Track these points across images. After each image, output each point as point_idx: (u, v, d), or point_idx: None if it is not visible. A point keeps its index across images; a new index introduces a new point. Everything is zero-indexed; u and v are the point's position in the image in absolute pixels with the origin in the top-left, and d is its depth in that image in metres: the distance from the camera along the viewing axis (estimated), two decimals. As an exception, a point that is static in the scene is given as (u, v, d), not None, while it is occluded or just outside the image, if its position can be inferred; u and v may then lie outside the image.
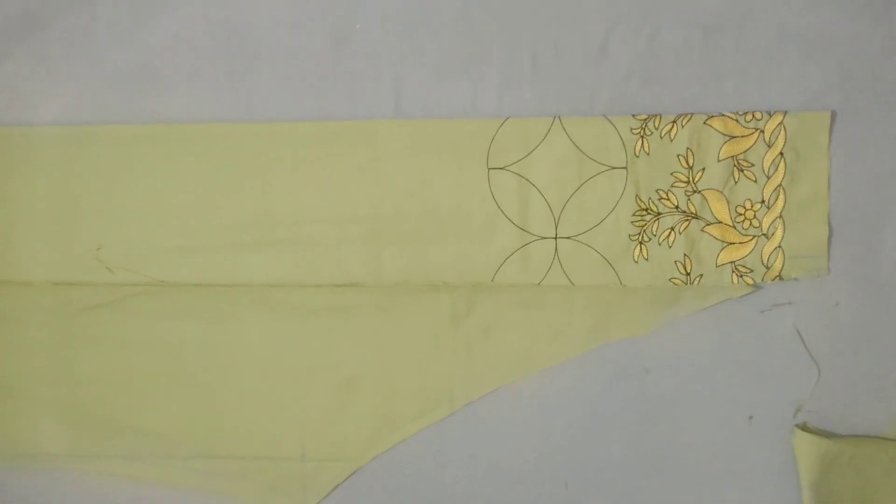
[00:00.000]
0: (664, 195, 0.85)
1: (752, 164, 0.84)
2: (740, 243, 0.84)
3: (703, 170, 0.84)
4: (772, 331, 0.84)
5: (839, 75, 0.83)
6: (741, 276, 0.84)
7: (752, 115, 0.83)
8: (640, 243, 0.85)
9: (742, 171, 0.84)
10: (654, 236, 0.85)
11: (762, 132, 0.83)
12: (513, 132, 0.86)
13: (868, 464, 0.82)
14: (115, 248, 0.91)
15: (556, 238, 0.86)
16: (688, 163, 0.84)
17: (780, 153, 0.83)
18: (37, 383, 0.93)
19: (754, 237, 0.84)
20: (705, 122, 0.84)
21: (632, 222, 0.85)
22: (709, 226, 0.84)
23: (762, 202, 0.84)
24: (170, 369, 0.92)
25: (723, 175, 0.84)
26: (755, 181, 0.84)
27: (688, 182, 0.84)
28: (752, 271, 0.84)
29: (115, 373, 0.92)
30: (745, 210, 0.84)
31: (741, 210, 0.84)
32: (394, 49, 0.88)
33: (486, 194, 0.87)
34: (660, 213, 0.85)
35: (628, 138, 0.85)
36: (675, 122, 0.84)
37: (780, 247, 0.83)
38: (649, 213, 0.85)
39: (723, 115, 0.84)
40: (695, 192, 0.84)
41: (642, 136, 0.85)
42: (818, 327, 0.84)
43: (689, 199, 0.84)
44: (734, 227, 0.84)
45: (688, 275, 0.84)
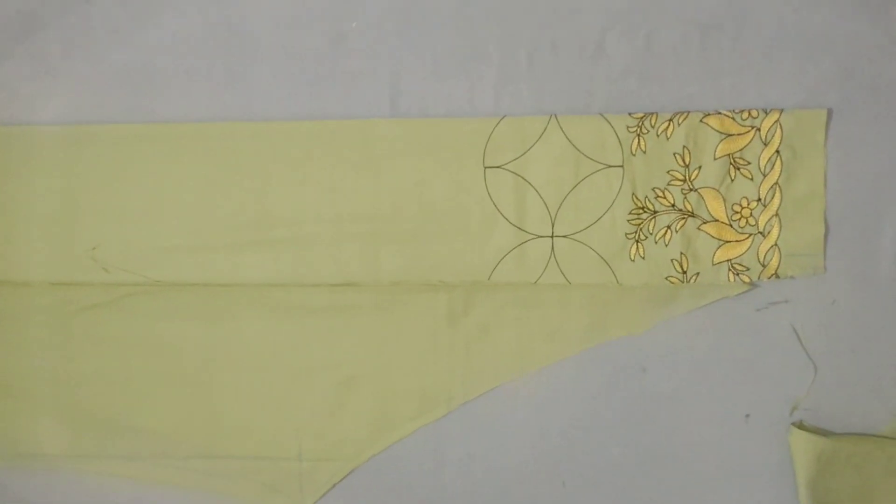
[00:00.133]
0: (661, 193, 0.85)
1: (749, 163, 0.83)
2: (737, 241, 0.84)
3: (700, 168, 0.84)
4: (768, 329, 0.84)
5: (836, 73, 0.83)
6: (738, 275, 0.84)
7: (749, 113, 0.83)
8: (637, 242, 0.85)
9: (738, 169, 0.84)
10: (651, 235, 0.85)
11: (758, 130, 0.83)
12: (509, 131, 0.86)
13: (865, 462, 0.82)
14: (112, 248, 0.91)
15: (552, 237, 0.86)
16: (684, 161, 0.84)
17: (777, 151, 0.83)
18: (35, 383, 0.93)
19: (751, 235, 0.84)
20: (702, 121, 0.84)
21: (628, 221, 0.85)
22: (705, 224, 0.84)
23: (758, 200, 0.84)
24: (167, 369, 0.91)
25: (719, 173, 0.84)
26: (751, 179, 0.84)
27: (684, 180, 0.84)
28: (748, 269, 0.84)
29: (113, 373, 0.92)
30: (742, 208, 0.84)
31: (737, 208, 0.84)
32: (390, 48, 0.88)
33: (483, 193, 0.87)
34: (656, 212, 0.85)
35: (625, 136, 0.85)
36: (671, 120, 0.84)
37: (776, 245, 0.83)
38: (646, 212, 0.85)
39: (719, 114, 0.84)
40: (691, 190, 0.84)
41: (639, 135, 0.85)
42: (815, 325, 0.84)
43: (685, 198, 0.84)
44: (730, 226, 0.84)
45: (684, 273, 0.84)
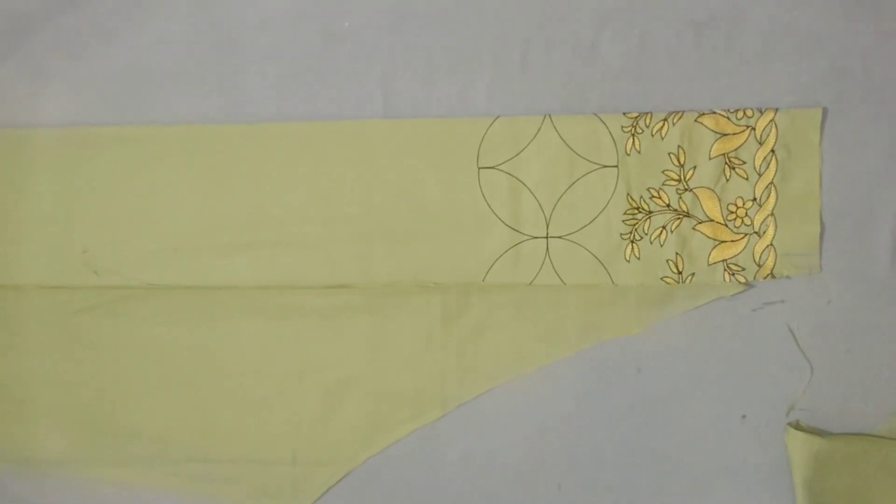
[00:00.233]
0: (655, 193, 0.84)
1: (744, 162, 0.83)
2: (732, 241, 0.84)
3: (695, 168, 0.84)
4: (764, 329, 0.84)
5: (830, 72, 0.83)
6: (733, 275, 0.83)
7: (744, 113, 0.83)
8: (632, 242, 0.85)
9: (733, 168, 0.83)
10: (646, 235, 0.84)
11: (753, 130, 0.83)
12: (503, 131, 0.86)
13: (861, 462, 0.82)
14: (103, 251, 0.90)
15: (547, 237, 0.86)
16: (679, 161, 0.84)
17: (772, 150, 0.83)
18: (28, 387, 0.92)
19: (746, 235, 0.83)
20: (696, 120, 0.83)
21: (623, 221, 0.85)
22: (700, 224, 0.84)
23: (754, 200, 0.83)
24: (160, 372, 0.91)
25: (714, 173, 0.83)
26: (747, 179, 0.83)
27: (679, 180, 0.84)
28: (744, 269, 0.83)
29: (105, 376, 0.91)
30: (737, 208, 0.83)
31: (733, 208, 0.83)
32: (383, 48, 0.88)
33: (477, 194, 0.86)
34: (651, 212, 0.84)
35: (619, 136, 0.84)
36: (666, 120, 0.84)
37: (771, 244, 0.83)
38: (641, 212, 0.85)
39: (714, 113, 0.83)
40: (686, 190, 0.84)
41: (633, 135, 0.84)
42: (811, 325, 0.84)
43: (680, 198, 0.84)
44: (726, 226, 0.84)
45: (680, 273, 0.84)
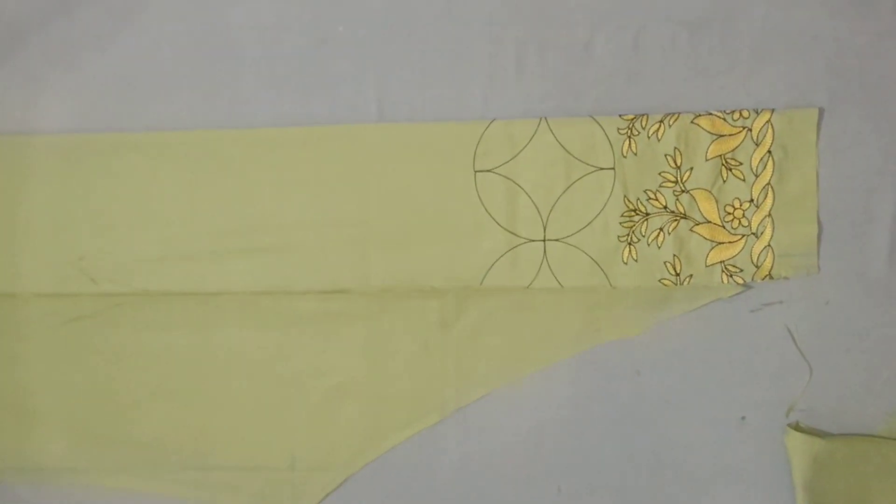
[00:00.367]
0: (652, 195, 0.84)
1: (741, 163, 0.83)
2: (729, 243, 0.83)
3: (691, 169, 0.83)
4: (763, 330, 0.84)
5: (826, 72, 0.83)
6: (731, 276, 0.83)
7: (740, 114, 0.83)
8: (629, 244, 0.84)
9: (730, 170, 0.83)
10: (643, 237, 0.84)
11: (750, 130, 0.83)
12: (499, 134, 0.86)
13: (861, 462, 0.82)
14: (99, 258, 0.90)
15: (544, 240, 0.85)
16: (675, 162, 0.84)
17: (768, 151, 0.83)
18: (26, 395, 0.92)
19: (743, 236, 0.83)
20: (692, 122, 0.83)
21: (620, 223, 0.84)
22: (698, 226, 0.84)
23: (751, 201, 0.83)
24: (157, 379, 0.91)
25: (711, 174, 0.83)
26: (743, 180, 0.83)
27: (676, 182, 0.84)
28: (741, 271, 0.83)
29: (102, 384, 0.91)
30: (734, 209, 0.83)
31: (730, 209, 0.83)
32: (377, 52, 0.88)
33: (474, 197, 0.86)
34: (648, 214, 0.84)
35: (615, 139, 0.84)
36: (662, 121, 0.84)
37: (769, 245, 0.83)
38: (638, 214, 0.84)
39: (710, 114, 0.83)
40: (683, 191, 0.84)
41: (629, 137, 0.84)
42: (809, 326, 0.83)
43: (677, 199, 0.84)
44: (723, 227, 0.83)
45: (677, 275, 0.84)
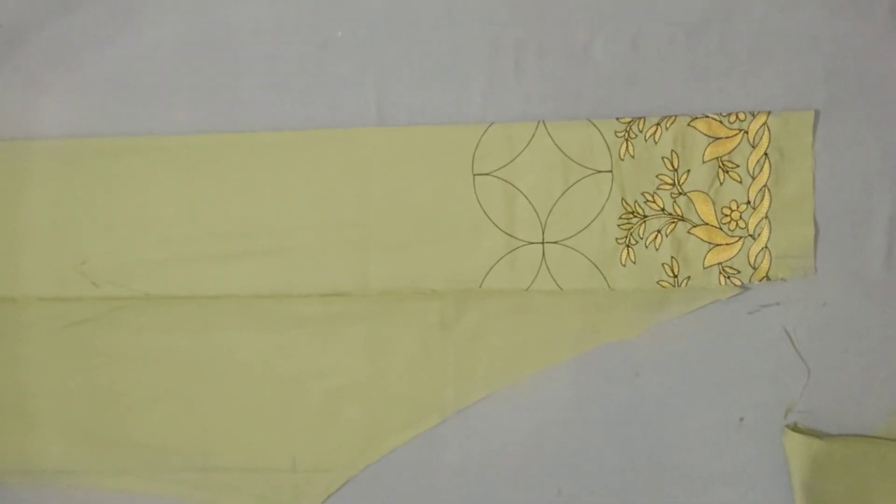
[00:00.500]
0: (650, 198, 0.84)
1: (737, 165, 0.83)
2: (727, 244, 0.84)
3: (689, 172, 0.84)
4: (760, 332, 0.84)
5: (823, 74, 0.83)
6: (728, 278, 0.84)
7: (736, 116, 0.83)
8: (627, 246, 0.85)
9: (727, 172, 0.83)
10: (641, 239, 0.85)
11: (746, 133, 0.83)
12: (497, 137, 0.86)
13: (860, 463, 0.82)
14: (100, 262, 0.90)
15: (543, 243, 0.86)
16: (673, 165, 0.84)
17: (765, 153, 0.83)
18: (28, 398, 0.93)
19: (741, 238, 0.84)
20: (689, 124, 0.84)
21: (618, 226, 0.85)
22: (695, 228, 0.84)
23: (748, 203, 0.83)
24: (157, 382, 0.91)
25: (708, 176, 0.84)
26: (740, 182, 0.83)
27: (673, 184, 0.84)
28: (739, 272, 0.83)
29: (103, 387, 0.92)
30: (731, 211, 0.84)
31: (727, 211, 0.84)
32: (376, 56, 0.88)
33: (472, 200, 0.86)
34: (646, 216, 0.85)
35: (613, 142, 0.85)
36: (659, 124, 0.84)
37: (766, 247, 0.83)
38: (635, 217, 0.85)
39: (707, 117, 0.84)
40: (680, 194, 0.84)
41: (627, 140, 0.84)
42: (807, 327, 0.84)
43: (674, 202, 0.84)
44: (720, 229, 0.84)
45: (675, 277, 0.84)
